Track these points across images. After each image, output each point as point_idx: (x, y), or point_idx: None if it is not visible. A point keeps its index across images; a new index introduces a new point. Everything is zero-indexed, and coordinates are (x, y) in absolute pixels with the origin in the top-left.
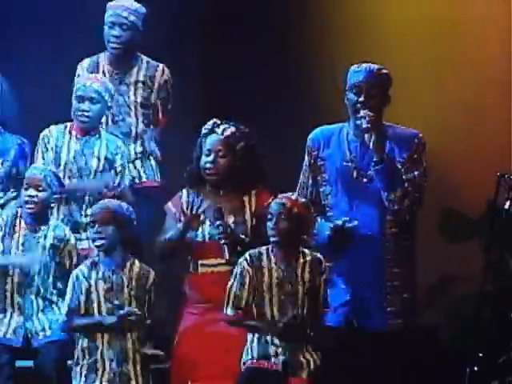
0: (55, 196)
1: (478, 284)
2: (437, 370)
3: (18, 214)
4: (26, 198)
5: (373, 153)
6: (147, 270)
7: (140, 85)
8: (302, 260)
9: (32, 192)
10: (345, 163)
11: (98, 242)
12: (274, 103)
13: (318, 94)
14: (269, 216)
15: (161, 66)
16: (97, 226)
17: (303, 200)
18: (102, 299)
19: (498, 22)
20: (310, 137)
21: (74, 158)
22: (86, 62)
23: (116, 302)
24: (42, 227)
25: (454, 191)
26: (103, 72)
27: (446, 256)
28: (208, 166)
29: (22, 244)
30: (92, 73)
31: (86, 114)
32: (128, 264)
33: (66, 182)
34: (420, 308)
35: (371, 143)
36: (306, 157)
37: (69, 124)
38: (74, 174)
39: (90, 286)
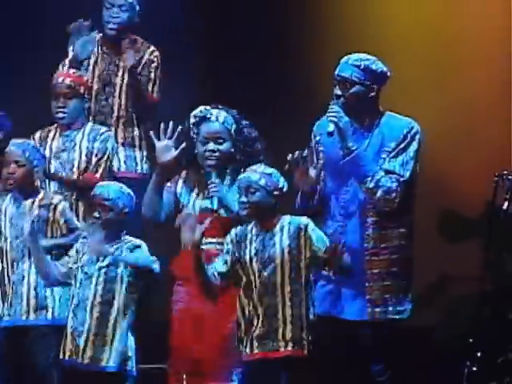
0: (37, 169)
1: (477, 284)
2: (434, 370)
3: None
4: (6, 175)
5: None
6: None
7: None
8: (279, 226)
9: (11, 168)
10: (338, 150)
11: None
12: (272, 110)
13: (316, 102)
14: (238, 191)
15: (151, 49)
16: (96, 210)
17: (268, 169)
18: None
19: (497, 21)
20: (317, 123)
21: (56, 153)
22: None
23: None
24: (29, 199)
25: (453, 191)
26: (98, 51)
27: (445, 256)
28: (208, 154)
29: (10, 220)
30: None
31: (62, 110)
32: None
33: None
34: (407, 299)
35: (329, 136)
36: (312, 143)
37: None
38: (58, 170)
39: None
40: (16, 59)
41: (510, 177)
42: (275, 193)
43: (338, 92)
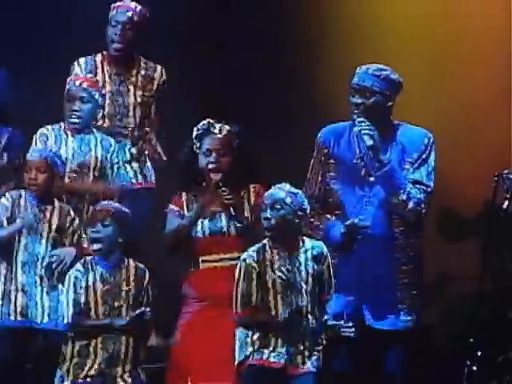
0: (57, 176)
1: (477, 283)
2: (434, 369)
3: (23, 195)
4: (29, 181)
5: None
6: (143, 268)
7: (139, 86)
8: (303, 248)
9: (33, 175)
10: (354, 161)
11: (96, 246)
12: (273, 112)
13: (317, 105)
14: (263, 207)
15: (159, 67)
16: (96, 226)
17: (294, 189)
18: (99, 300)
19: (497, 21)
20: (321, 134)
21: (73, 155)
22: (82, 60)
23: (115, 304)
24: (48, 207)
25: (453, 190)
26: (102, 72)
27: (445, 255)
28: (211, 166)
29: (29, 225)
30: (90, 72)
31: (76, 114)
32: (124, 265)
33: (66, 179)
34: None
35: (369, 150)
36: (316, 154)
37: (62, 124)
38: (75, 171)
39: (87, 287)
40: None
41: (510, 176)
42: (299, 213)
43: (358, 101)
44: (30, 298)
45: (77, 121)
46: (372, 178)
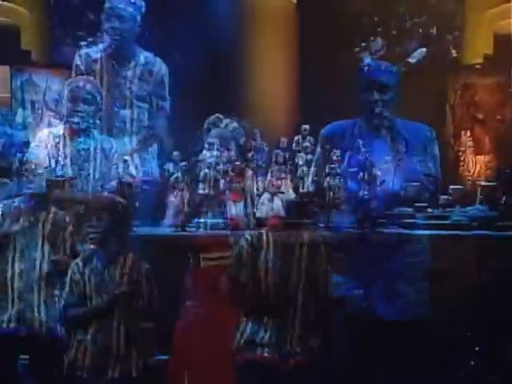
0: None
1: (476, 278)
2: (433, 364)
3: (17, 203)
4: (26, 191)
5: (388, 148)
6: (140, 262)
7: (136, 78)
8: (300, 240)
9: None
10: (359, 157)
11: (92, 235)
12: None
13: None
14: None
15: (158, 60)
16: (91, 216)
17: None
18: (93, 294)
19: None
20: (324, 131)
21: (72, 159)
22: (84, 51)
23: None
24: (42, 214)
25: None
26: (101, 63)
27: (443, 249)
28: (210, 160)
29: (24, 231)
30: (89, 62)
31: (79, 114)
32: (121, 258)
33: (66, 183)
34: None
35: (388, 139)
36: (319, 149)
37: (61, 127)
38: (74, 174)
39: (83, 280)
40: None
41: (506, 171)
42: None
43: (376, 97)
44: (27, 305)
45: (80, 121)
46: (379, 172)
